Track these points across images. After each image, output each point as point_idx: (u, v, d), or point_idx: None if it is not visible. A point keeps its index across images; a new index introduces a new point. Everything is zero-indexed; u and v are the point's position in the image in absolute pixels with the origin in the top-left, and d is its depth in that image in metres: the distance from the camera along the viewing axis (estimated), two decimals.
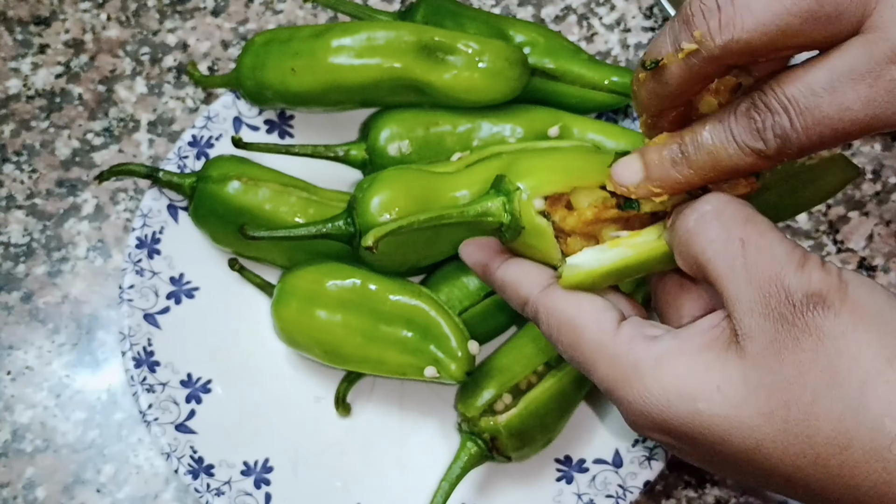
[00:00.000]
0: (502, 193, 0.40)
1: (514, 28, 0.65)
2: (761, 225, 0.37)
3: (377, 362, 0.58)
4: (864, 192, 0.70)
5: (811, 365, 0.34)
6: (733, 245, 0.36)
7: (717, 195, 0.38)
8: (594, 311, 0.39)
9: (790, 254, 0.36)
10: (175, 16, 0.72)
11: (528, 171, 0.41)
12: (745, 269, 0.36)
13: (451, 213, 0.41)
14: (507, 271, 0.42)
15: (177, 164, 0.64)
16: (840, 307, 0.34)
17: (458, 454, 0.57)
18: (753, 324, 0.35)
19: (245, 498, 0.59)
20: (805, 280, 0.35)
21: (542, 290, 0.40)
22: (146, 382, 0.60)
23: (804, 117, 0.36)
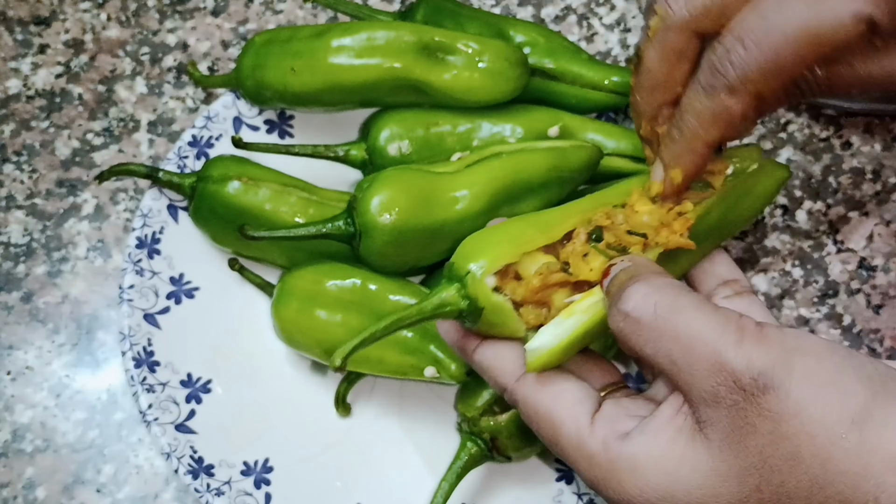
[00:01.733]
0: (455, 280, 0.41)
1: (514, 28, 0.65)
2: (689, 310, 0.37)
3: (377, 362, 0.58)
4: (864, 192, 0.70)
5: (773, 448, 0.34)
6: (667, 342, 0.36)
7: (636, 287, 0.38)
8: (570, 405, 0.39)
9: (724, 333, 0.36)
10: (175, 16, 0.72)
11: (474, 251, 0.41)
12: (687, 363, 0.36)
13: (410, 314, 0.41)
14: (482, 355, 0.43)
15: (177, 164, 0.64)
16: (789, 385, 0.34)
17: (458, 454, 0.57)
18: (710, 413, 0.36)
19: (245, 498, 0.59)
20: (746, 360, 0.35)
21: (518, 379, 0.41)
22: (146, 382, 0.60)
23: (755, 35, 0.38)
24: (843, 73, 0.39)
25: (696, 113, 0.39)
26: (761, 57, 0.37)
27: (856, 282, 0.68)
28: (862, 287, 0.68)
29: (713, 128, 0.39)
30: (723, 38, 0.38)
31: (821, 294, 0.67)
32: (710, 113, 0.39)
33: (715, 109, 0.39)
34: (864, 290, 0.68)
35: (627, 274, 0.38)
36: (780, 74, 0.38)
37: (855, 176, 0.70)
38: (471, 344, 0.44)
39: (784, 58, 0.37)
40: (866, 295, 0.67)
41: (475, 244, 0.42)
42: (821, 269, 0.68)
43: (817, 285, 0.68)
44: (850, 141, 0.71)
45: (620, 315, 0.38)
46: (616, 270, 0.39)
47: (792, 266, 0.68)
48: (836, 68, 0.39)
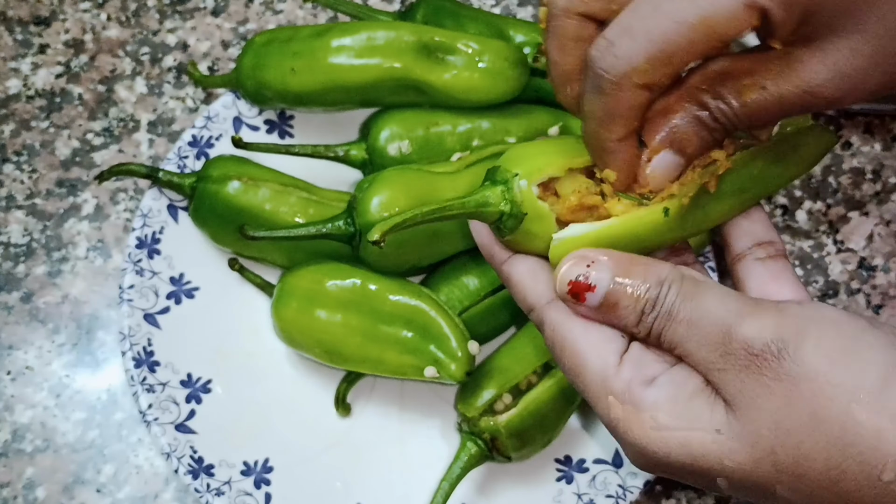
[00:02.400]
0: (499, 183, 0.40)
1: (514, 28, 0.65)
2: (700, 296, 0.37)
3: (377, 362, 0.58)
4: (864, 192, 0.70)
5: (789, 410, 0.34)
6: (680, 328, 0.37)
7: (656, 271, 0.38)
8: (599, 342, 0.39)
9: (734, 308, 0.36)
10: (175, 16, 0.72)
11: (521, 159, 0.40)
12: (697, 344, 0.36)
13: (452, 205, 0.40)
14: (515, 268, 0.42)
15: (177, 164, 0.64)
16: (805, 350, 0.34)
17: (458, 454, 0.57)
18: (722, 378, 0.36)
19: (245, 498, 0.59)
20: (758, 328, 0.35)
21: (550, 301, 0.40)
22: (146, 382, 0.60)
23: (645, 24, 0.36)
24: (758, 99, 0.37)
25: (592, 113, 0.38)
26: (651, 46, 0.36)
27: (856, 282, 0.68)
28: (862, 287, 0.68)
29: (614, 125, 0.38)
30: (609, 29, 0.37)
31: (821, 294, 0.67)
32: (605, 111, 0.37)
33: (607, 107, 0.37)
34: (864, 290, 0.68)
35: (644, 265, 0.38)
36: (670, 64, 0.36)
37: (855, 176, 0.70)
38: (503, 253, 0.42)
39: (675, 46, 0.36)
40: (866, 295, 0.67)
41: (524, 151, 0.41)
42: (821, 269, 0.68)
43: (817, 285, 0.68)
44: (850, 141, 0.71)
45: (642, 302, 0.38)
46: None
47: (792, 266, 0.68)
48: (748, 95, 0.37)
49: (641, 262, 0.38)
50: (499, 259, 0.42)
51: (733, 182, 0.41)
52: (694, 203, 0.40)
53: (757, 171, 0.42)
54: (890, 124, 0.72)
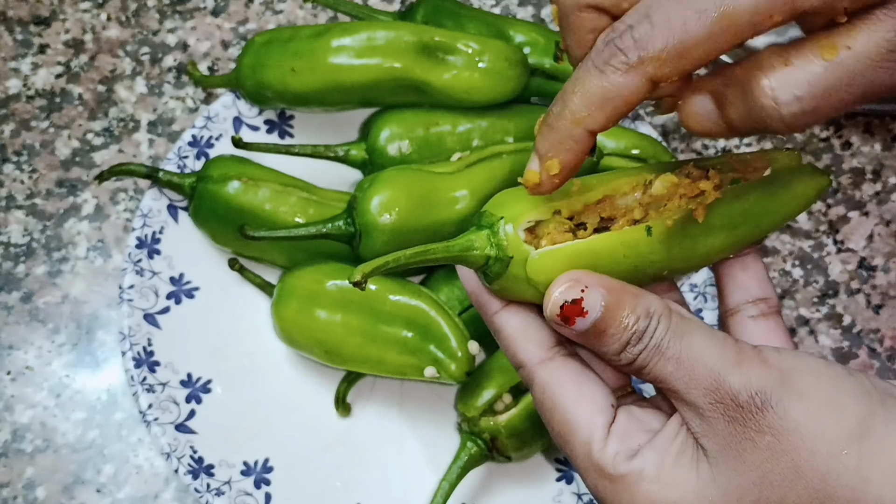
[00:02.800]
0: (485, 227, 0.39)
1: (514, 28, 0.65)
2: (690, 334, 0.37)
3: (377, 362, 0.58)
4: (864, 192, 0.70)
5: (772, 464, 0.35)
6: (668, 364, 0.37)
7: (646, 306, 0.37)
8: (589, 412, 0.39)
9: (723, 355, 0.36)
10: (175, 16, 0.72)
11: (507, 203, 0.40)
12: (685, 384, 0.36)
13: (436, 249, 0.39)
14: (506, 321, 0.41)
15: (177, 164, 0.64)
16: (787, 402, 0.35)
17: (458, 454, 0.57)
18: (710, 429, 0.36)
19: (245, 498, 0.59)
20: (745, 380, 0.35)
21: (541, 361, 0.40)
22: (146, 382, 0.60)
23: (664, 12, 0.35)
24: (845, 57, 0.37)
25: (584, 93, 0.36)
26: (670, 35, 0.35)
27: (856, 282, 0.68)
28: (862, 287, 0.68)
29: (599, 111, 0.36)
30: (629, 14, 0.36)
31: (821, 294, 0.67)
32: (601, 93, 0.36)
33: (606, 89, 0.36)
34: (864, 290, 0.68)
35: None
36: (685, 57, 0.35)
37: (855, 176, 0.70)
38: (494, 303, 0.41)
39: (695, 38, 0.35)
40: (866, 295, 0.67)
41: (509, 196, 0.40)
42: (821, 269, 0.68)
43: (817, 285, 0.68)
44: (850, 141, 0.71)
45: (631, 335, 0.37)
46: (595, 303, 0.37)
47: (792, 266, 0.68)
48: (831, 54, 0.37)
49: (631, 292, 0.37)
50: (490, 310, 0.41)
51: (723, 215, 0.40)
52: (681, 230, 0.39)
53: (748, 205, 0.41)
54: (890, 124, 0.72)
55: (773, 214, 0.43)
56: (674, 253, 0.39)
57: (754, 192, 0.42)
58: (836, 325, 0.67)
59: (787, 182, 0.43)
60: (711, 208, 0.40)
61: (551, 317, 0.37)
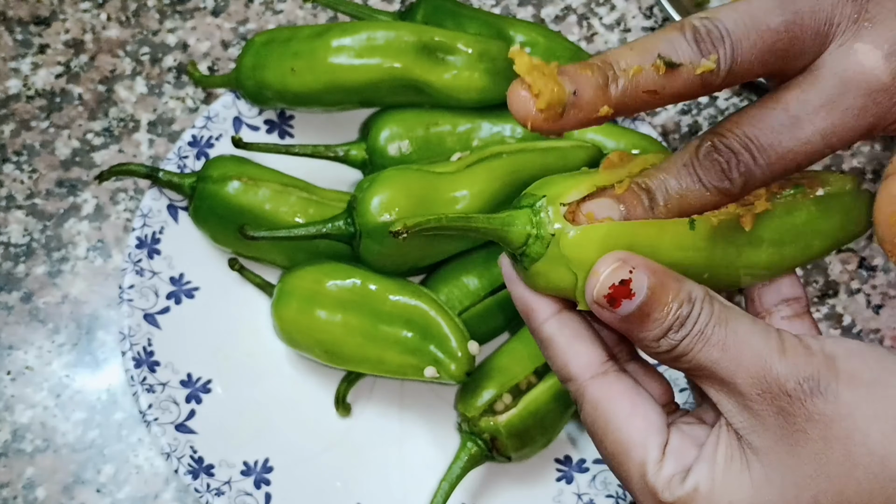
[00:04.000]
0: (525, 206, 0.38)
1: (514, 28, 0.65)
2: (733, 321, 0.36)
3: (377, 362, 0.58)
4: None
5: (827, 453, 0.34)
6: (713, 351, 0.36)
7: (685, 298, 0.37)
8: (644, 432, 0.37)
9: (767, 342, 0.35)
10: (175, 16, 0.72)
11: (549, 183, 0.38)
12: (731, 372, 0.35)
13: (478, 219, 0.38)
14: (557, 330, 0.39)
15: (177, 164, 0.64)
16: (836, 387, 0.34)
17: (458, 454, 0.57)
18: (757, 424, 0.35)
19: (245, 498, 0.59)
20: (791, 367, 0.35)
21: (594, 376, 0.38)
22: (146, 382, 0.60)
23: (766, 154, 0.37)
24: None
25: (685, 201, 0.38)
26: (770, 175, 0.37)
27: (856, 282, 0.68)
28: (862, 287, 0.68)
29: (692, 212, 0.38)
30: (728, 139, 0.37)
31: (821, 294, 0.67)
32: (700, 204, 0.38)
33: (706, 204, 0.38)
34: (864, 290, 0.68)
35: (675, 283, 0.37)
36: (782, 176, 0.38)
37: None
38: (546, 309, 0.39)
39: (795, 165, 0.38)
40: (866, 295, 0.67)
41: (552, 178, 0.39)
42: (821, 269, 0.68)
43: (817, 285, 0.68)
44: None
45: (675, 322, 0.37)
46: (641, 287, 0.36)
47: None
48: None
49: (674, 276, 0.36)
50: (539, 317, 0.39)
51: (772, 229, 0.39)
52: (725, 233, 0.38)
53: (799, 222, 0.40)
54: None
55: (825, 236, 0.41)
56: (715, 257, 0.38)
57: (807, 209, 0.40)
58: (836, 325, 0.67)
59: (842, 205, 0.42)
60: (760, 219, 0.39)
61: (598, 297, 0.35)
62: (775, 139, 0.37)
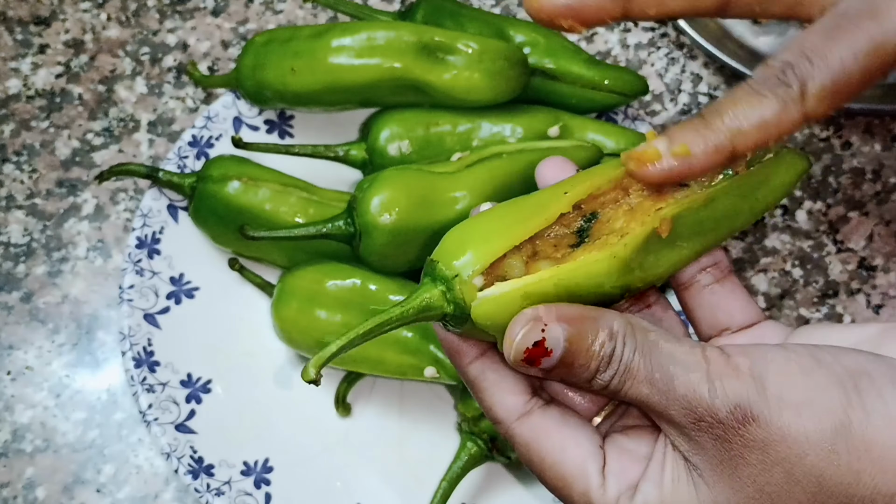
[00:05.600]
0: (440, 282, 0.37)
1: (514, 28, 0.65)
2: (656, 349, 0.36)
3: (377, 362, 0.58)
4: (864, 192, 0.70)
5: (766, 476, 0.34)
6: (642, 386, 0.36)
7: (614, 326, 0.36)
8: (579, 461, 0.37)
9: (694, 370, 0.35)
10: (175, 16, 0.72)
11: (460, 246, 0.37)
12: (663, 405, 0.35)
13: (391, 317, 0.37)
14: (481, 375, 0.39)
15: (177, 164, 0.64)
16: (768, 413, 0.34)
17: (458, 454, 0.57)
18: (697, 448, 0.35)
19: (245, 498, 0.59)
20: (720, 395, 0.34)
21: (519, 417, 0.38)
22: (146, 382, 0.60)
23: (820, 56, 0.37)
24: None
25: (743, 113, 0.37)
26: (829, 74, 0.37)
27: (856, 282, 0.68)
28: (862, 287, 0.68)
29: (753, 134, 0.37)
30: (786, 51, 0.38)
31: (821, 294, 0.67)
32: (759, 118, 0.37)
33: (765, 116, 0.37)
34: (864, 290, 0.68)
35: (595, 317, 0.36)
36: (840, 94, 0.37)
37: (855, 176, 0.70)
38: (470, 352, 0.39)
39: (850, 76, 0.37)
40: (866, 295, 0.67)
41: (461, 238, 0.37)
42: (821, 269, 0.68)
43: (817, 285, 0.68)
44: (850, 141, 0.71)
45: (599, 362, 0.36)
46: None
47: (792, 266, 0.68)
48: None
49: (591, 316, 0.36)
50: (463, 360, 0.39)
51: (689, 226, 0.38)
52: (643, 250, 0.37)
53: (719, 211, 0.39)
54: (890, 124, 0.72)
55: (747, 213, 0.41)
56: (634, 275, 0.37)
57: (726, 194, 0.39)
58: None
59: (765, 175, 0.40)
60: (676, 220, 0.38)
61: (516, 362, 0.35)
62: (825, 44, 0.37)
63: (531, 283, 0.35)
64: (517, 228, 0.37)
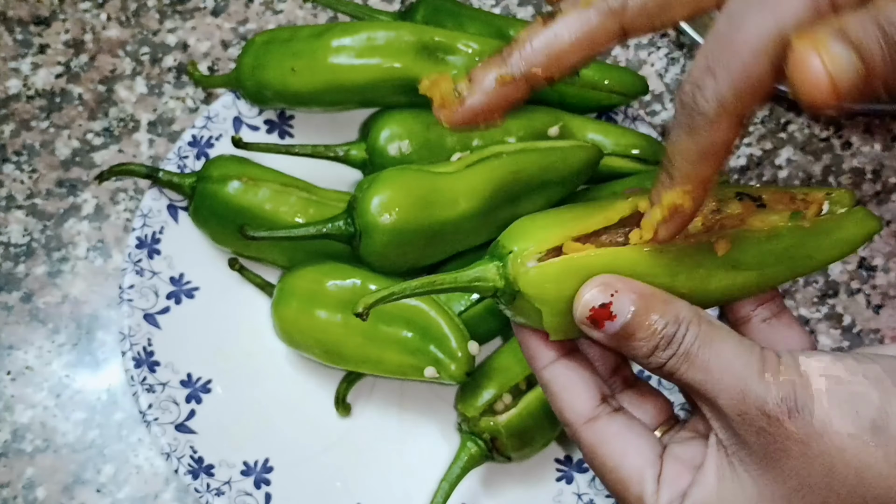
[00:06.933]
0: (496, 258, 0.39)
1: (514, 28, 0.65)
2: (717, 342, 0.37)
3: (377, 362, 0.58)
4: (864, 192, 0.70)
5: (808, 469, 0.36)
6: (697, 373, 0.37)
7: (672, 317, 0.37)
8: (638, 467, 0.39)
9: (749, 364, 0.36)
10: (175, 16, 0.72)
11: (521, 233, 0.39)
12: (715, 393, 0.37)
13: (444, 281, 0.39)
14: (556, 377, 0.41)
15: (177, 164, 0.64)
16: (812, 405, 0.35)
17: (458, 454, 0.57)
18: (742, 443, 0.37)
19: (245, 498, 0.59)
20: (770, 388, 0.36)
21: (587, 421, 0.41)
22: (146, 382, 0.60)
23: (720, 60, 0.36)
24: None
25: (686, 156, 0.37)
26: (733, 80, 0.35)
27: (856, 282, 0.68)
28: (862, 287, 0.68)
29: (703, 165, 0.37)
30: (689, 74, 0.36)
31: (821, 294, 0.67)
32: (697, 152, 0.36)
33: (701, 147, 0.36)
34: (864, 290, 0.68)
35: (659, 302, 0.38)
36: (758, 90, 0.35)
37: (855, 176, 0.70)
38: (545, 356, 0.41)
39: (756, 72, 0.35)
40: (866, 295, 0.67)
41: (524, 225, 0.39)
42: (821, 269, 0.68)
43: (817, 285, 0.68)
44: (850, 141, 0.71)
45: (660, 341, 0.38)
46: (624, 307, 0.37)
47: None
48: None
49: (661, 297, 0.38)
50: (539, 364, 0.42)
51: (752, 254, 0.39)
52: (692, 259, 0.38)
53: (780, 248, 0.40)
54: (890, 124, 0.72)
55: (808, 260, 0.41)
56: (678, 281, 0.38)
57: (790, 234, 0.40)
58: (836, 325, 0.67)
59: (832, 226, 0.41)
60: (739, 243, 0.38)
61: (581, 319, 0.37)
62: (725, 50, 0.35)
63: (577, 258, 0.37)
64: (579, 223, 0.39)
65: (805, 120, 0.71)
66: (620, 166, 0.63)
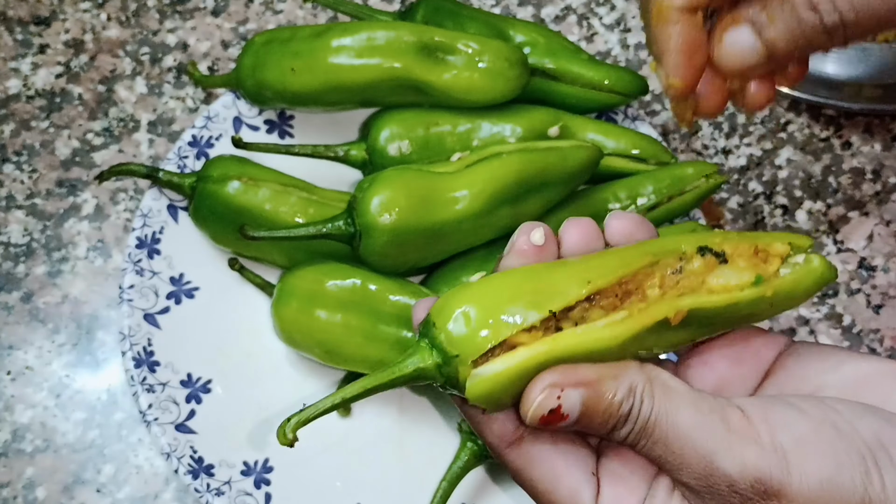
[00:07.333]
0: (437, 352, 0.35)
1: (514, 28, 0.65)
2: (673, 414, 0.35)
3: (377, 362, 0.58)
4: (864, 192, 0.70)
5: None
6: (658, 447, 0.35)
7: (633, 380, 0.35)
8: (572, 490, 0.37)
9: (712, 434, 0.34)
10: (175, 16, 0.72)
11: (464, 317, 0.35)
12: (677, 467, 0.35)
13: (380, 382, 0.37)
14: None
15: (177, 164, 0.64)
16: (789, 490, 0.33)
17: (458, 454, 0.57)
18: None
19: (245, 498, 0.59)
20: (740, 465, 0.33)
21: (509, 445, 0.38)
22: (146, 382, 0.60)
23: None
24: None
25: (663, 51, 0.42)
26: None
27: (856, 282, 0.68)
28: (862, 287, 0.68)
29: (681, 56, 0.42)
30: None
31: (821, 294, 0.67)
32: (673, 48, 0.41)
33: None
34: (864, 290, 0.68)
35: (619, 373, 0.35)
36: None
37: (855, 176, 0.70)
38: None
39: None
40: (866, 295, 0.67)
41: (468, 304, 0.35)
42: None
43: None
44: (850, 141, 0.71)
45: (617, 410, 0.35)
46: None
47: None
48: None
49: (610, 375, 0.35)
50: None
51: (706, 318, 0.37)
52: (648, 332, 0.36)
53: (738, 314, 0.38)
54: (890, 124, 0.72)
55: (762, 316, 0.39)
56: (628, 352, 0.36)
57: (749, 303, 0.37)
58: (836, 325, 0.67)
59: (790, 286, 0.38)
60: (693, 312, 0.36)
61: (533, 423, 0.35)
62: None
63: (530, 358, 0.34)
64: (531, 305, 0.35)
65: (805, 120, 0.72)
66: (620, 166, 0.63)
